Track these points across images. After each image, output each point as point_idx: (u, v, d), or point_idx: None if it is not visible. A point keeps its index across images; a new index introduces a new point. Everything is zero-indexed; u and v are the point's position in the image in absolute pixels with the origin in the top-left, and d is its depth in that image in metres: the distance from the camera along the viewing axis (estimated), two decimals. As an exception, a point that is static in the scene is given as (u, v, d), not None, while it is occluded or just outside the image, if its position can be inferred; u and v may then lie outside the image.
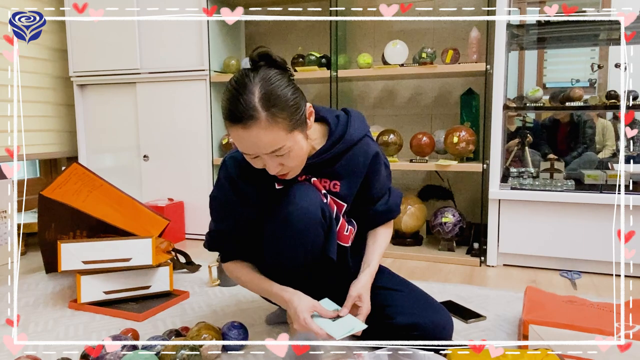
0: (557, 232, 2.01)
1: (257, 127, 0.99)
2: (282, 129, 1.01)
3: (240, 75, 1.04)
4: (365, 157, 1.23)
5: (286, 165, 1.08)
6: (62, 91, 2.90)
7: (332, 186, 1.24)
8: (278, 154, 1.04)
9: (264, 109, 0.99)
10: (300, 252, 1.18)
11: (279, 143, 1.02)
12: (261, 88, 1.00)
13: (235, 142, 1.06)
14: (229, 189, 1.22)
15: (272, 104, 0.99)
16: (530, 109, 2.33)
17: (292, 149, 1.05)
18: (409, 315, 1.22)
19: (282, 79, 1.04)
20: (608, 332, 1.12)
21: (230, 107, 1.01)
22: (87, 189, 1.84)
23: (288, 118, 1.02)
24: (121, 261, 1.60)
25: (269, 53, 1.05)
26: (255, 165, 1.10)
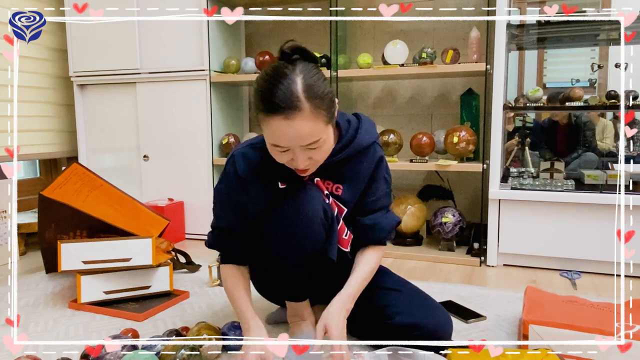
0: (557, 232, 2.01)
1: (300, 118, 0.98)
2: (322, 120, 1.02)
3: (277, 66, 1.03)
4: (370, 162, 1.22)
5: (314, 159, 1.07)
6: (62, 91, 2.90)
7: (335, 189, 1.24)
8: (313, 146, 1.03)
9: (308, 100, 0.98)
10: (301, 251, 1.17)
11: (317, 135, 1.02)
12: (304, 79, 1.00)
13: (270, 133, 1.03)
14: (235, 185, 1.21)
15: (315, 95, 0.99)
16: (531, 109, 2.33)
17: (325, 142, 1.05)
18: (408, 315, 1.22)
19: (319, 72, 1.05)
20: (608, 332, 1.12)
21: (269, 96, 0.99)
22: (87, 189, 1.84)
23: (326, 110, 1.02)
24: (121, 261, 1.60)
25: (303, 47, 1.06)
26: (280, 160, 1.09)
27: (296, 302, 1.28)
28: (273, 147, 1.06)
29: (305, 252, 1.18)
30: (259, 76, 1.05)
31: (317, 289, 1.38)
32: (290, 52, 1.04)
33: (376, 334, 1.19)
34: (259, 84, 1.04)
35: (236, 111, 2.84)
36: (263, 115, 1.03)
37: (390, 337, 1.16)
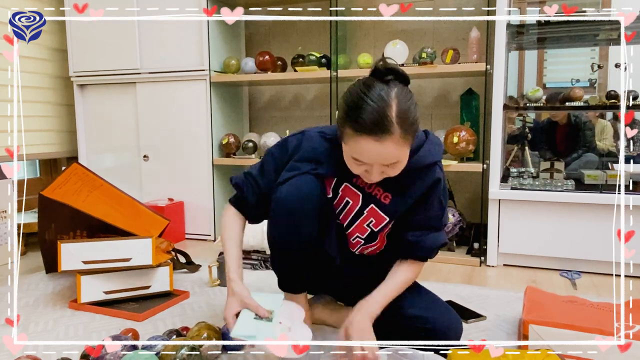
0: (557, 232, 2.01)
1: (390, 142, 1.01)
2: (408, 145, 1.05)
3: (373, 85, 1.04)
4: (426, 182, 1.20)
5: (386, 173, 1.10)
6: (62, 91, 2.90)
7: (384, 197, 1.22)
8: (392, 166, 1.07)
9: (399, 125, 1.00)
10: (293, 234, 1.19)
11: (400, 157, 1.05)
12: (399, 104, 1.01)
13: (357, 150, 1.05)
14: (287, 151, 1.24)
15: (407, 122, 1.02)
16: (531, 109, 2.33)
17: (402, 162, 1.08)
18: (420, 309, 1.24)
19: (412, 97, 1.06)
20: (608, 332, 1.12)
21: (362, 115, 1.01)
22: (87, 189, 1.84)
23: (412, 135, 1.05)
24: (121, 261, 1.60)
25: (397, 67, 1.07)
26: (354, 170, 1.11)
27: (291, 294, 1.29)
28: (352, 159, 1.08)
29: (297, 236, 1.18)
30: (351, 90, 1.07)
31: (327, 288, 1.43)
32: (384, 71, 1.05)
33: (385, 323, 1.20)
34: (353, 100, 1.05)
35: (236, 111, 2.84)
36: (352, 132, 1.04)
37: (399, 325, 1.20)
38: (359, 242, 1.31)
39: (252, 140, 2.58)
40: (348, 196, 1.24)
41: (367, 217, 1.25)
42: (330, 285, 1.45)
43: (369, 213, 1.24)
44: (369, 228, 1.27)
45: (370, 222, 1.26)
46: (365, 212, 1.24)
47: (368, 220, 1.26)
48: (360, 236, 1.29)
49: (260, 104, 2.98)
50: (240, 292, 1.17)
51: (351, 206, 1.25)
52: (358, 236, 1.29)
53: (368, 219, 1.25)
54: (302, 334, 1.10)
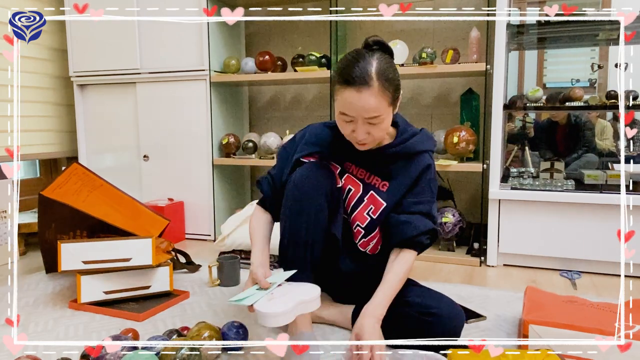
0: (557, 232, 2.01)
1: (369, 93, 1.14)
2: (386, 100, 1.16)
3: (360, 50, 1.21)
4: (418, 167, 1.31)
5: (372, 134, 1.20)
6: (62, 91, 2.90)
7: (382, 186, 1.33)
8: (373, 121, 1.17)
9: (378, 79, 1.14)
10: (303, 217, 1.25)
11: (379, 111, 1.16)
12: (378, 63, 1.16)
13: (342, 102, 1.18)
14: (295, 143, 1.39)
15: (384, 78, 1.15)
16: (531, 109, 2.33)
17: (384, 120, 1.19)
18: (425, 298, 1.29)
19: (392, 62, 1.21)
20: (608, 332, 1.12)
21: (348, 71, 1.15)
22: (87, 189, 1.84)
23: (391, 93, 1.17)
24: (121, 261, 1.60)
25: (383, 41, 1.22)
26: (344, 130, 1.22)
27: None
28: (340, 115, 1.20)
29: (306, 218, 1.25)
30: (342, 57, 1.23)
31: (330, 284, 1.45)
32: (372, 44, 1.21)
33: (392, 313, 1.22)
34: (341, 61, 1.20)
35: (236, 111, 2.84)
36: (339, 86, 1.18)
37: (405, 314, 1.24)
38: (359, 232, 1.36)
39: (252, 140, 2.58)
40: (351, 184, 1.35)
41: (367, 204, 1.33)
42: (329, 283, 1.45)
43: (369, 200, 1.33)
44: (368, 216, 1.33)
45: (370, 209, 1.33)
46: (366, 200, 1.33)
47: (368, 208, 1.33)
48: (361, 225, 1.35)
49: (260, 104, 2.98)
50: (252, 263, 1.26)
51: (353, 193, 1.34)
52: (359, 225, 1.35)
53: (368, 206, 1.33)
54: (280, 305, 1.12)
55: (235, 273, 1.85)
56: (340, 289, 1.47)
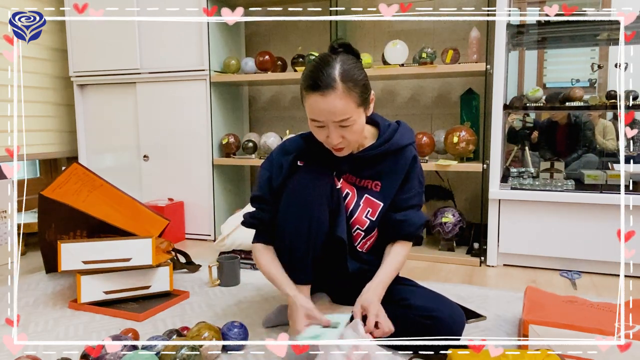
0: (557, 232, 2.01)
1: (334, 96, 1.14)
2: (353, 101, 1.16)
3: (323, 54, 1.22)
4: (406, 160, 1.33)
5: (346, 138, 1.21)
6: (62, 91, 2.90)
7: (374, 186, 1.34)
8: (344, 124, 1.17)
9: (342, 81, 1.15)
10: (304, 220, 1.24)
11: (348, 113, 1.16)
12: (341, 65, 1.17)
13: (309, 108, 1.19)
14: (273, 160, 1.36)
15: (349, 79, 1.16)
16: (531, 109, 2.33)
17: (355, 122, 1.19)
18: (425, 300, 1.30)
19: (358, 63, 1.22)
20: (608, 332, 1.12)
21: (313, 76, 1.16)
22: (87, 189, 1.84)
23: (359, 94, 1.17)
24: (121, 261, 1.60)
25: (349, 43, 1.25)
26: (318, 136, 1.23)
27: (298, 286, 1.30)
28: (312, 122, 1.21)
29: (308, 223, 1.24)
30: (308, 63, 1.26)
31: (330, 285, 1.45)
32: (337, 47, 1.23)
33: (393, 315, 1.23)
34: (306, 67, 1.21)
35: (236, 111, 2.84)
36: (305, 92, 1.19)
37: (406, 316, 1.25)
38: (359, 235, 1.36)
39: (252, 140, 2.58)
40: (347, 188, 1.35)
41: (364, 208, 1.34)
42: (330, 284, 1.45)
43: (365, 203, 1.34)
44: (367, 219, 1.34)
45: (367, 212, 1.34)
46: (362, 204, 1.34)
47: (365, 211, 1.34)
48: (361, 228, 1.35)
49: (260, 104, 2.98)
50: (306, 305, 1.21)
51: (350, 197, 1.34)
52: (358, 228, 1.35)
53: (365, 209, 1.34)
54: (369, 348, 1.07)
55: (235, 273, 1.85)
56: (341, 289, 1.46)
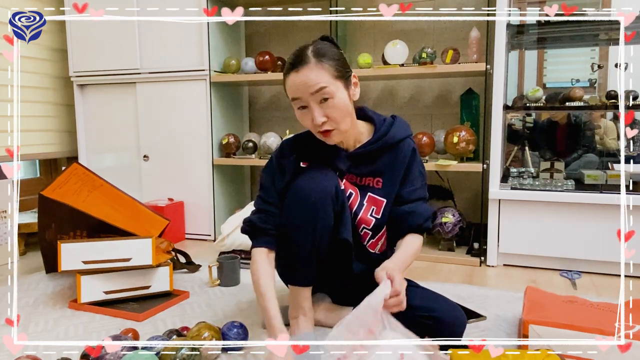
0: (557, 232, 2.01)
1: (306, 69, 1.16)
2: (327, 72, 1.17)
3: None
4: (405, 153, 1.32)
5: (330, 117, 1.19)
6: (62, 91, 2.90)
7: (376, 183, 1.34)
8: (322, 96, 1.17)
9: (314, 56, 1.18)
10: (310, 223, 1.22)
11: (321, 82, 1.16)
12: (314, 46, 1.20)
13: (289, 89, 1.21)
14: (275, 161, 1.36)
15: (321, 55, 1.18)
16: (531, 109, 2.33)
17: (334, 95, 1.17)
18: (426, 300, 1.29)
19: (333, 47, 1.23)
20: (608, 332, 1.12)
21: (289, 61, 1.20)
22: (87, 189, 1.84)
23: (333, 66, 1.18)
24: (121, 261, 1.60)
25: (330, 37, 1.28)
26: (304, 122, 1.23)
27: (299, 287, 1.29)
28: (294, 105, 1.22)
29: (313, 224, 1.22)
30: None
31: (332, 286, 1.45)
32: (319, 39, 1.26)
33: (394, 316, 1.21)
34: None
35: (236, 111, 2.84)
36: (284, 77, 1.21)
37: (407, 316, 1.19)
38: (367, 234, 1.35)
39: (252, 140, 2.58)
40: (350, 188, 1.34)
41: (369, 207, 1.33)
42: (333, 284, 1.46)
43: (369, 202, 1.33)
44: (373, 217, 1.33)
45: (372, 210, 1.33)
46: (365, 203, 1.33)
47: (370, 210, 1.33)
48: (367, 227, 1.34)
49: (260, 104, 2.98)
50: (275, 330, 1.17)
51: (354, 197, 1.33)
52: (365, 227, 1.34)
53: (369, 208, 1.33)
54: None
55: (235, 273, 1.85)
56: (342, 289, 1.46)
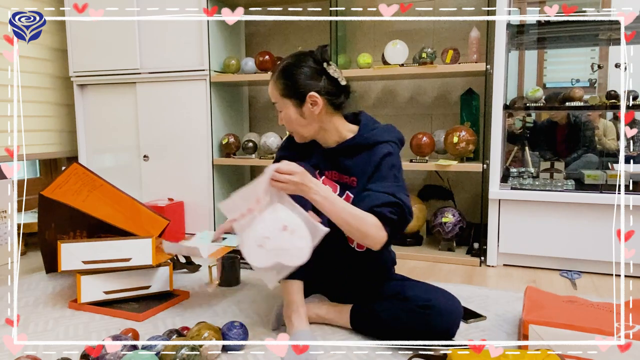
0: (557, 232, 2.01)
1: (270, 82, 1.39)
2: (277, 90, 1.37)
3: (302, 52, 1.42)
4: (377, 156, 1.33)
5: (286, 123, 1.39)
6: (62, 91, 2.90)
7: (352, 182, 1.37)
8: (277, 107, 1.39)
9: (277, 73, 1.37)
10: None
11: (273, 98, 1.39)
12: (287, 62, 1.37)
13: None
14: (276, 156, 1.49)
15: (281, 74, 1.36)
16: (531, 109, 2.33)
17: (282, 109, 1.38)
18: (419, 290, 1.31)
19: (305, 67, 1.35)
20: (608, 332, 1.12)
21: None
22: (87, 189, 1.84)
23: (283, 87, 1.35)
24: (121, 261, 1.60)
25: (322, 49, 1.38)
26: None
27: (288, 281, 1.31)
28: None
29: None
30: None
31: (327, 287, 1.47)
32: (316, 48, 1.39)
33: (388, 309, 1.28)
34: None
35: (236, 111, 2.84)
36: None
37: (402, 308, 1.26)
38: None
39: (252, 140, 2.58)
40: (329, 185, 1.38)
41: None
42: (326, 285, 1.48)
43: (346, 199, 1.34)
44: None
45: None
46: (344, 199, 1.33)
47: None
48: None
49: (260, 104, 2.98)
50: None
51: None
52: None
53: None
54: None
55: (235, 273, 1.85)
56: (337, 290, 1.47)
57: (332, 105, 1.36)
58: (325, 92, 1.33)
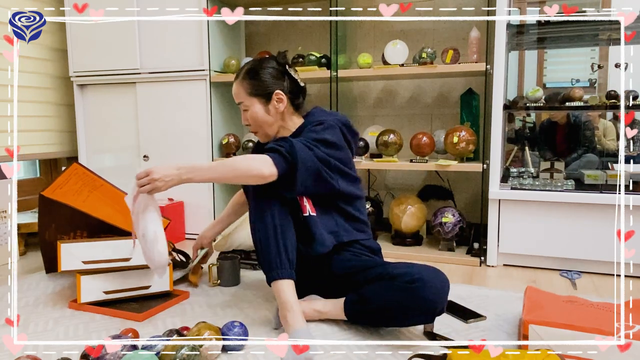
0: (557, 232, 2.01)
1: (235, 83, 1.50)
2: (243, 89, 1.48)
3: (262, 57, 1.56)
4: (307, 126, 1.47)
5: (250, 123, 1.50)
6: (62, 91, 2.90)
7: None
8: (242, 107, 1.50)
9: (243, 74, 1.49)
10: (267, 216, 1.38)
11: (239, 98, 1.49)
12: (252, 64, 1.49)
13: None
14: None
15: (247, 75, 1.48)
16: (531, 109, 2.33)
17: (249, 108, 1.48)
18: (403, 267, 1.32)
19: (269, 67, 1.47)
20: (608, 332, 1.12)
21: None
22: (88, 189, 1.84)
23: (250, 86, 1.47)
24: (121, 261, 1.60)
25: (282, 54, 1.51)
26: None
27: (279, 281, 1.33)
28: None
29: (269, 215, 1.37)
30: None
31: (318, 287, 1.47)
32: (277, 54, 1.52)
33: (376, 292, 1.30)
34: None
35: (236, 111, 2.84)
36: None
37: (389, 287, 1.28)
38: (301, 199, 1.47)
39: (252, 140, 2.58)
40: None
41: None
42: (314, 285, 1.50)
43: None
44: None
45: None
46: None
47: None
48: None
49: (260, 104, 2.98)
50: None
51: None
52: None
53: None
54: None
55: (235, 273, 1.85)
56: (327, 287, 1.49)
57: (293, 106, 1.51)
58: (288, 91, 1.48)
